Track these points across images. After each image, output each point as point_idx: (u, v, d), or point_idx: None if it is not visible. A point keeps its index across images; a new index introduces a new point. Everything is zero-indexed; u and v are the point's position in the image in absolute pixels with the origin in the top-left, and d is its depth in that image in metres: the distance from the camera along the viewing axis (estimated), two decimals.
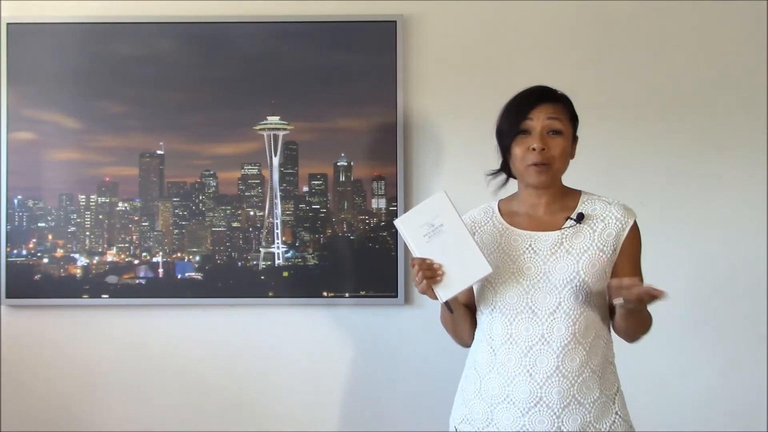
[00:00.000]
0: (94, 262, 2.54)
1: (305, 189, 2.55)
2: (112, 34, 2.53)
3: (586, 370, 1.64)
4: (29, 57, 2.52)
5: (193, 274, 2.54)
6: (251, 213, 2.56)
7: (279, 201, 2.55)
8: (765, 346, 2.53)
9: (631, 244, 1.70)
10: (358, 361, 2.57)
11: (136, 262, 2.54)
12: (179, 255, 2.55)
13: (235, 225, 2.56)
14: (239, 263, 2.54)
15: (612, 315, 1.73)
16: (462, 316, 1.77)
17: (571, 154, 1.74)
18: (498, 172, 1.80)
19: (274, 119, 2.53)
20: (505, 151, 1.73)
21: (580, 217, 1.69)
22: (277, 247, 2.55)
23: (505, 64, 2.54)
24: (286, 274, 2.54)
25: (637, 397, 2.51)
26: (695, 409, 2.54)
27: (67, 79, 2.53)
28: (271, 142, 2.54)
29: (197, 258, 2.54)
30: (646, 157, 2.55)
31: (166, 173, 2.55)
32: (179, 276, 2.54)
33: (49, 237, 2.54)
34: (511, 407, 1.64)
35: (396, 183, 2.52)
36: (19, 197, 2.53)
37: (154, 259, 2.54)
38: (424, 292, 1.63)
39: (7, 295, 2.52)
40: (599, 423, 1.65)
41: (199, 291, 2.53)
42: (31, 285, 2.52)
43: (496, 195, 1.82)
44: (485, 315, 1.71)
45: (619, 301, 1.57)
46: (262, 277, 2.54)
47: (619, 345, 1.84)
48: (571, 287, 1.64)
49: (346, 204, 2.55)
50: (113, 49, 2.53)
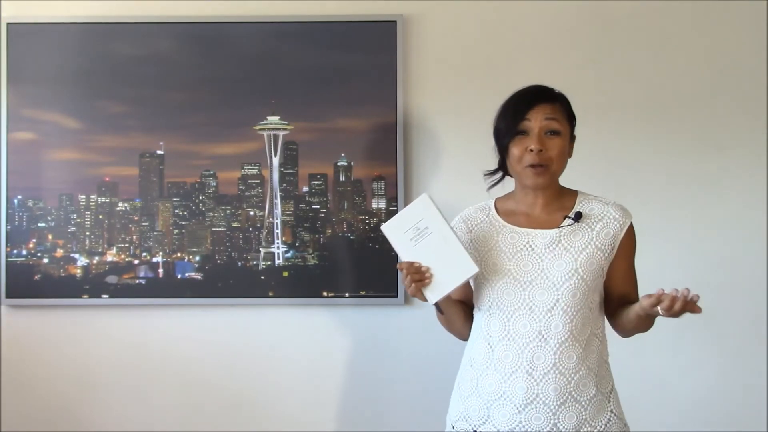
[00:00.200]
0: (94, 262, 2.54)
1: (305, 189, 2.55)
2: (112, 34, 2.53)
3: (582, 368, 1.65)
4: (29, 57, 2.52)
5: (193, 274, 2.54)
6: (251, 213, 2.56)
7: (279, 201, 2.55)
8: (765, 346, 2.53)
9: (628, 245, 1.72)
10: (358, 361, 2.57)
11: (136, 262, 2.54)
12: (179, 255, 2.55)
13: (235, 225, 2.56)
14: (239, 263, 2.54)
15: (610, 313, 1.74)
16: (456, 314, 1.77)
17: (569, 154, 1.74)
18: (495, 172, 1.79)
19: (274, 119, 2.53)
20: (502, 151, 1.73)
21: (578, 216, 1.69)
22: (277, 247, 2.55)
23: (505, 64, 2.54)
24: (286, 274, 2.54)
25: (637, 397, 2.52)
26: (695, 409, 2.54)
27: (67, 79, 2.53)
28: (271, 142, 2.54)
29: (197, 258, 2.55)
30: (646, 157, 2.55)
31: (166, 173, 2.55)
32: (179, 276, 2.54)
33: (49, 237, 2.54)
34: (508, 404, 1.64)
35: (396, 183, 2.52)
36: (19, 197, 2.53)
37: (154, 259, 2.54)
38: (413, 295, 1.65)
39: (7, 295, 2.52)
40: (595, 421, 1.65)
41: (199, 291, 2.53)
42: (31, 285, 2.52)
43: (491, 194, 1.82)
44: (482, 312, 1.72)
45: (657, 311, 1.55)
46: (262, 277, 2.54)
47: (620, 345, 1.84)
48: (569, 285, 1.64)
49: (346, 204, 2.55)
50: (113, 49, 2.53)
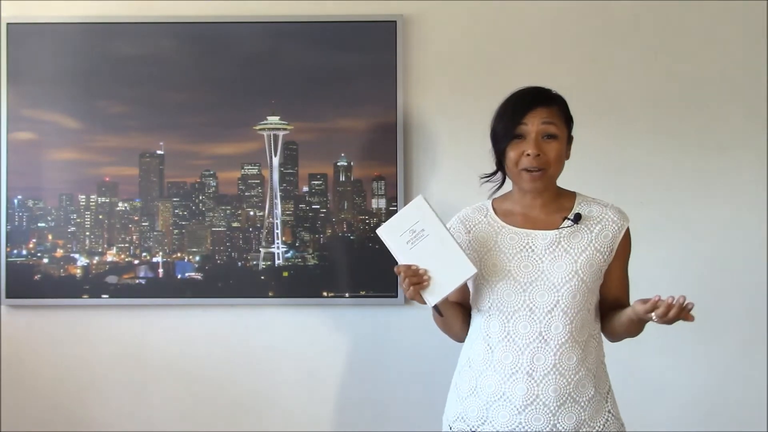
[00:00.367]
0: (94, 262, 2.54)
1: (305, 189, 2.55)
2: (112, 34, 2.53)
3: (582, 369, 1.65)
4: (29, 57, 2.52)
5: (193, 274, 2.54)
6: (251, 213, 2.56)
7: (279, 201, 2.55)
8: (765, 346, 2.53)
9: (625, 248, 1.74)
10: (357, 361, 2.57)
11: (136, 262, 2.54)
12: (179, 255, 2.55)
13: (235, 225, 2.56)
14: (239, 263, 2.54)
15: (601, 317, 1.74)
16: (453, 316, 1.77)
17: (566, 155, 1.74)
18: (492, 174, 1.78)
19: (274, 119, 2.53)
20: (499, 153, 1.72)
21: (578, 218, 1.69)
22: (277, 247, 2.55)
23: (505, 64, 2.54)
24: (286, 274, 2.54)
25: (637, 398, 2.52)
26: (695, 410, 2.54)
27: (67, 79, 2.53)
28: (271, 142, 2.54)
29: (197, 258, 2.55)
30: (646, 157, 2.54)
31: (166, 173, 2.55)
32: (179, 276, 2.54)
33: (49, 237, 2.54)
34: (508, 405, 1.64)
35: (396, 183, 2.52)
36: (19, 197, 2.53)
37: (154, 259, 2.54)
38: (412, 298, 1.64)
39: (7, 295, 2.52)
40: (593, 421, 1.66)
41: (199, 291, 2.53)
42: (31, 285, 2.52)
43: (489, 195, 1.82)
44: (482, 313, 1.71)
45: (650, 317, 1.56)
46: (262, 277, 2.54)
47: (619, 346, 1.84)
48: (570, 286, 1.65)
49: (346, 204, 2.55)
50: (113, 49, 2.53)
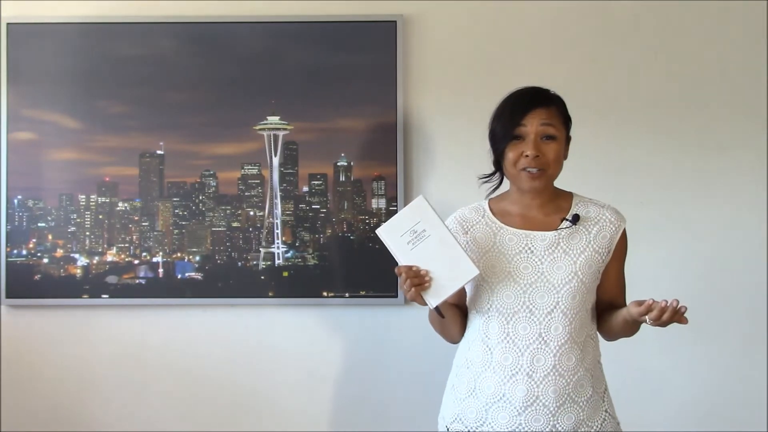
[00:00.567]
0: (94, 262, 2.54)
1: (305, 189, 2.55)
2: (112, 34, 2.53)
3: (580, 369, 1.65)
4: (29, 57, 2.52)
5: (193, 274, 2.54)
6: (251, 213, 2.56)
7: (279, 201, 2.55)
8: (765, 346, 2.53)
9: (622, 248, 1.74)
10: (357, 361, 2.57)
11: (136, 262, 2.54)
12: (179, 255, 2.55)
13: (235, 225, 2.56)
14: (239, 263, 2.54)
15: (597, 316, 1.75)
16: (452, 317, 1.75)
17: (564, 156, 1.73)
18: (491, 175, 1.77)
19: (274, 119, 2.53)
20: (498, 154, 1.71)
21: (576, 219, 1.69)
22: (277, 247, 2.55)
23: (505, 64, 2.54)
24: (286, 274, 2.54)
25: (636, 398, 2.52)
26: (695, 409, 2.54)
27: (67, 79, 2.53)
28: (271, 142, 2.54)
29: (197, 258, 2.55)
30: (646, 157, 2.54)
31: (166, 173, 2.55)
32: (179, 276, 2.54)
33: (49, 237, 2.54)
34: (507, 406, 1.65)
35: (396, 183, 2.52)
36: (19, 197, 2.53)
37: (154, 259, 2.54)
38: (413, 300, 1.63)
39: (7, 295, 2.52)
40: (591, 421, 1.67)
41: (199, 291, 2.53)
42: (31, 285, 2.53)
43: (487, 195, 1.81)
44: (481, 314, 1.71)
45: (644, 320, 1.57)
46: (262, 277, 2.54)
47: (619, 346, 1.84)
48: (569, 287, 1.65)
49: (346, 204, 2.55)
50: (113, 49, 2.53)
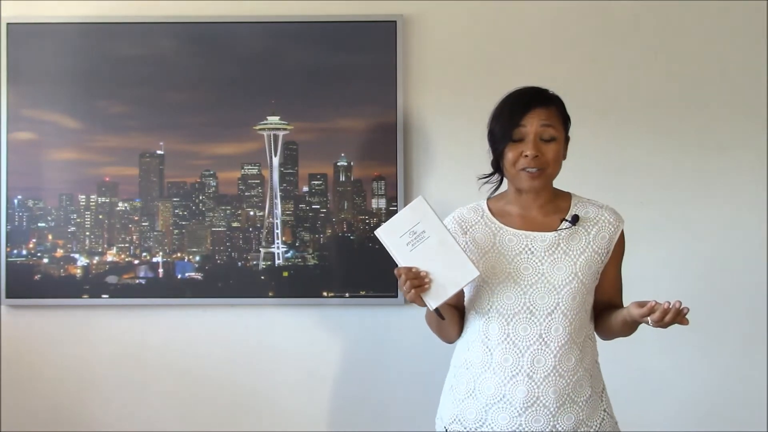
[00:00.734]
0: (94, 262, 2.54)
1: (305, 189, 2.55)
2: (112, 34, 2.53)
3: (580, 369, 1.66)
4: (29, 57, 2.52)
5: (193, 274, 2.54)
6: (251, 213, 2.56)
7: (279, 201, 2.55)
8: (765, 346, 2.53)
9: (620, 249, 1.74)
10: (357, 361, 2.57)
11: (136, 262, 2.54)
12: (179, 255, 2.55)
13: (235, 225, 2.56)
14: (239, 263, 2.54)
15: (594, 316, 1.75)
16: (450, 318, 1.74)
17: (563, 156, 1.72)
18: (490, 176, 1.77)
19: (274, 119, 2.53)
20: (497, 154, 1.71)
21: (575, 219, 1.69)
22: (277, 247, 2.55)
23: (505, 64, 2.54)
24: (286, 274, 2.54)
25: (636, 398, 2.52)
26: (695, 409, 2.54)
27: (67, 79, 2.53)
28: (271, 142, 2.54)
29: (197, 258, 2.55)
30: (646, 157, 2.54)
31: (166, 173, 2.55)
32: (179, 276, 2.54)
33: (49, 237, 2.54)
34: (508, 407, 1.65)
35: (396, 183, 2.52)
36: (19, 197, 2.53)
37: (154, 259, 2.54)
38: (412, 301, 1.62)
39: (7, 295, 2.52)
40: (590, 421, 1.67)
41: (199, 291, 2.53)
42: (31, 285, 2.53)
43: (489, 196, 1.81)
44: (480, 315, 1.70)
45: (646, 321, 1.57)
46: (262, 277, 2.54)
47: (618, 346, 1.84)
48: (570, 288, 1.65)
49: (346, 204, 2.55)
50: (113, 49, 2.53)
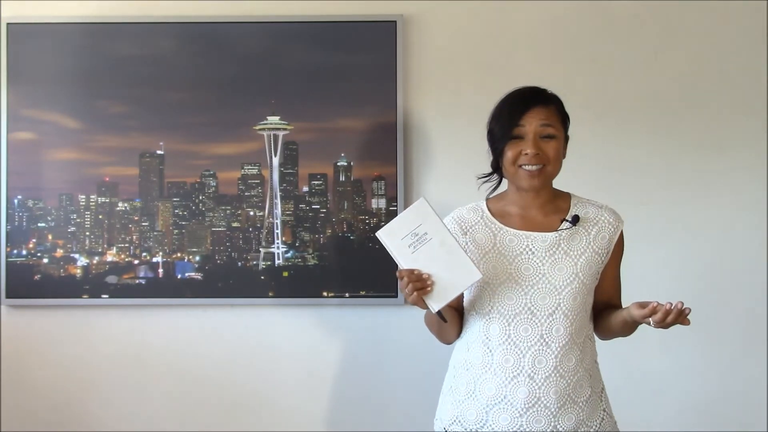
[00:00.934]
0: (94, 262, 2.54)
1: (305, 189, 2.55)
2: (112, 34, 2.53)
3: (580, 370, 1.66)
4: (29, 57, 2.52)
5: (193, 274, 2.54)
6: (251, 213, 2.56)
7: (279, 201, 2.55)
8: (765, 346, 2.53)
9: (619, 249, 1.74)
10: (357, 361, 2.57)
11: (136, 262, 2.54)
12: (179, 255, 2.55)
13: (235, 225, 2.56)
14: (239, 263, 2.54)
15: (593, 316, 1.75)
16: (450, 319, 1.73)
17: (563, 154, 1.72)
18: (490, 175, 1.77)
19: (274, 119, 2.53)
20: (496, 155, 1.71)
21: (576, 219, 1.69)
22: (277, 247, 2.55)
23: (505, 64, 2.54)
24: (286, 274, 2.54)
25: (637, 397, 2.52)
26: (695, 409, 2.54)
27: (67, 79, 2.53)
28: (271, 142, 2.54)
29: (197, 258, 2.55)
30: (646, 157, 2.54)
31: (166, 173, 2.55)
32: (179, 276, 2.54)
33: (49, 237, 2.54)
34: (509, 408, 1.65)
35: (396, 183, 2.52)
36: (19, 197, 2.53)
37: (154, 259, 2.54)
38: (415, 304, 1.60)
39: (7, 295, 2.52)
40: (590, 421, 1.67)
41: (199, 291, 2.53)
42: (31, 285, 2.52)
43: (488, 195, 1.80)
44: (481, 316, 1.70)
45: (647, 322, 1.57)
46: (262, 277, 2.54)
47: (618, 346, 1.84)
48: (571, 289, 1.65)
49: (346, 204, 2.55)
50: (113, 49, 2.53)
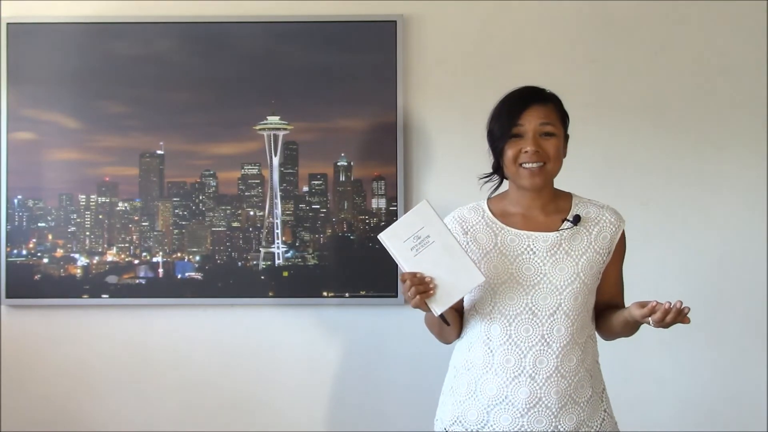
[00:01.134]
0: (94, 262, 2.54)
1: (305, 189, 2.55)
2: (112, 34, 2.53)
3: (581, 370, 1.66)
4: (29, 57, 2.52)
5: (193, 274, 2.54)
6: (251, 213, 2.56)
7: (279, 201, 2.55)
8: (765, 346, 2.53)
9: (621, 249, 1.74)
10: (357, 361, 2.57)
11: (136, 262, 2.54)
12: (179, 255, 2.55)
13: (235, 225, 2.56)
14: (239, 263, 2.54)
15: (596, 316, 1.75)
16: (451, 321, 1.72)
17: (563, 153, 1.72)
18: (491, 175, 1.77)
19: (274, 119, 2.53)
20: (497, 154, 1.71)
21: (577, 219, 1.69)
22: (277, 247, 2.55)
23: (504, 64, 2.54)
24: (286, 274, 2.54)
25: (637, 398, 2.53)
26: (695, 410, 2.54)
27: (67, 79, 2.53)
28: (271, 142, 2.54)
29: (197, 258, 2.55)
30: (646, 157, 2.54)
31: (166, 173, 2.55)
32: (179, 276, 2.54)
33: (49, 237, 2.54)
34: (510, 408, 1.64)
35: (396, 183, 2.52)
36: (19, 197, 2.53)
37: (154, 259, 2.54)
38: (417, 307, 1.59)
39: (7, 295, 2.52)
40: (591, 421, 1.67)
41: (199, 291, 2.53)
42: (31, 285, 2.52)
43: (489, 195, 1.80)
44: (482, 316, 1.70)
45: (647, 322, 1.57)
46: (262, 277, 2.54)
47: (618, 345, 1.84)
48: (572, 289, 1.64)
49: (346, 204, 2.55)
50: (113, 49, 2.53)
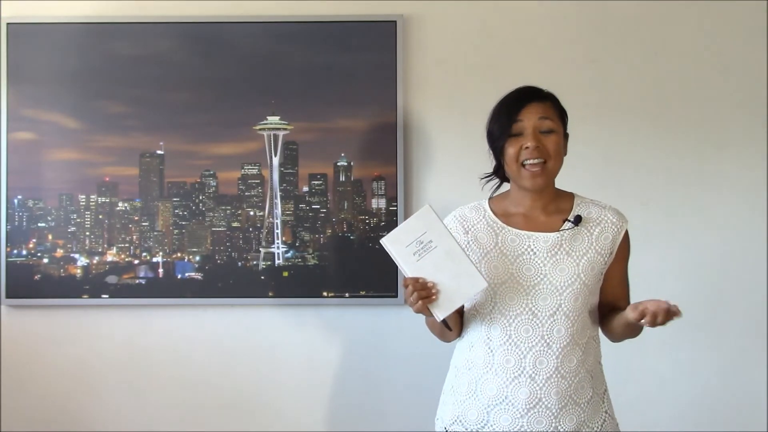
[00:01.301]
0: (94, 262, 2.54)
1: (305, 189, 2.55)
2: (112, 34, 2.53)
3: (581, 371, 1.65)
4: (29, 57, 2.52)
5: (193, 274, 2.54)
6: (251, 213, 2.56)
7: (279, 201, 2.55)
8: (765, 346, 2.53)
9: (624, 249, 1.73)
10: (357, 361, 2.57)
11: (136, 262, 2.54)
12: (179, 255, 2.55)
13: (235, 225, 2.56)
14: (239, 263, 2.54)
15: (600, 318, 1.74)
16: (453, 323, 1.71)
17: (564, 152, 1.72)
18: (491, 176, 1.77)
19: (274, 119, 2.53)
20: (497, 154, 1.71)
21: (578, 220, 1.69)
22: (277, 247, 2.55)
23: (505, 64, 2.54)
24: (286, 274, 2.54)
25: (637, 398, 2.53)
26: (695, 410, 2.54)
27: (67, 79, 2.53)
28: (271, 142, 2.54)
29: (197, 258, 2.55)
30: (646, 157, 2.54)
31: (166, 173, 2.55)
32: (179, 276, 2.54)
33: (49, 237, 2.54)
34: (510, 408, 1.64)
35: (396, 183, 2.52)
36: (19, 197, 2.53)
37: (154, 259, 2.54)
38: (419, 312, 1.59)
39: (7, 295, 2.52)
40: (592, 422, 1.67)
41: (199, 291, 2.53)
42: (31, 285, 2.52)
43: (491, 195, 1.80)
44: (483, 316, 1.70)
45: (642, 323, 1.56)
46: (262, 277, 2.54)
47: (619, 345, 1.84)
48: (572, 289, 1.64)
49: (346, 204, 2.55)
50: (113, 49, 2.53)
